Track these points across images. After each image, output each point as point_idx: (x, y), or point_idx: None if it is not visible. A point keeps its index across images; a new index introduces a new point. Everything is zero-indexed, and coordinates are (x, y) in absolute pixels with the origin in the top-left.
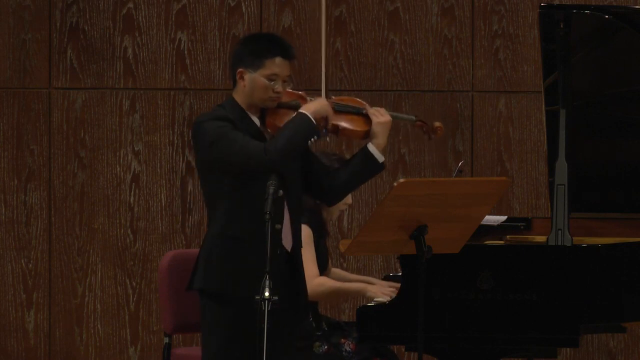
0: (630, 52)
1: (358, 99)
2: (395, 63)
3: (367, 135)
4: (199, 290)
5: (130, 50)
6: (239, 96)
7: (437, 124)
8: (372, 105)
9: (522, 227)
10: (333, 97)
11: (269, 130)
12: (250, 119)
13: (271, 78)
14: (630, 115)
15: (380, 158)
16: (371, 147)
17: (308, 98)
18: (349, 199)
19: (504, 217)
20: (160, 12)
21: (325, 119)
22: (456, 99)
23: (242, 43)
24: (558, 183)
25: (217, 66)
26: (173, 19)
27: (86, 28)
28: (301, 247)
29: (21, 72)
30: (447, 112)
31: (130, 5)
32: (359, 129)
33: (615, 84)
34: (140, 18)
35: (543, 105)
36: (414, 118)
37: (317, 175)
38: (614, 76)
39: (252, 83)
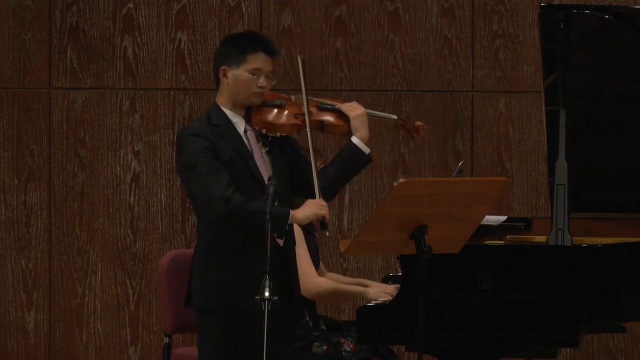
0: (630, 52)
1: (331, 99)
2: (395, 63)
3: (349, 130)
4: (197, 310)
5: (130, 50)
6: (223, 97)
7: (418, 123)
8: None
9: (522, 227)
10: (312, 98)
11: (255, 127)
12: (235, 128)
13: (254, 72)
14: (630, 115)
15: (366, 150)
16: (356, 140)
17: (292, 97)
18: None
19: (504, 217)
20: (160, 12)
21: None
22: (456, 99)
23: (224, 42)
24: (558, 183)
25: None
26: (173, 19)
27: (86, 28)
28: (294, 245)
29: (21, 72)
30: (447, 112)
31: (130, 5)
32: (342, 124)
33: (615, 84)
34: (140, 18)
35: (543, 105)
36: (395, 117)
37: (306, 174)
38: (614, 76)
39: (235, 79)
